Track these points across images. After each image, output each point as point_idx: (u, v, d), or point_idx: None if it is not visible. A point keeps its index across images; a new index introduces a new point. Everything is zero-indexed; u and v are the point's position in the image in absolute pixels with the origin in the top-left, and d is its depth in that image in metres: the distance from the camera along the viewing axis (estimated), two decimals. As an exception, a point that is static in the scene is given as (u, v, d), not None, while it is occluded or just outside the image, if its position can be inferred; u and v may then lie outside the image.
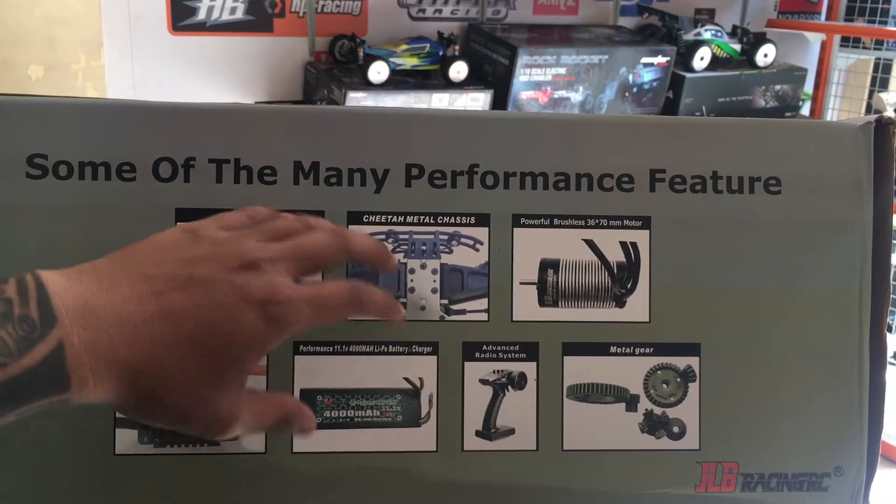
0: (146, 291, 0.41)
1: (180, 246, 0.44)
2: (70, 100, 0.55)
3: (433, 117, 0.58)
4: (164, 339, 0.40)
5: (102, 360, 0.39)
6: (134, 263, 0.42)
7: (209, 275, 0.43)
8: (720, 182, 0.58)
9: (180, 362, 0.41)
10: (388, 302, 0.50)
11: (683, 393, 0.58)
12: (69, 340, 0.38)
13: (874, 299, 0.59)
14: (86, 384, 0.39)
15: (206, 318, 0.42)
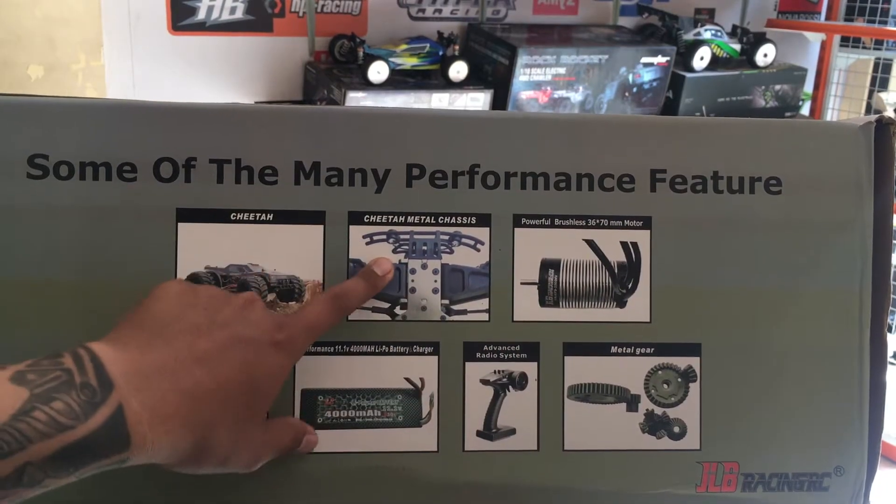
0: (179, 346, 0.45)
1: (186, 298, 0.48)
2: (71, 100, 0.55)
3: (434, 117, 0.58)
4: (205, 387, 0.44)
5: (159, 415, 0.42)
6: (158, 324, 0.46)
7: (227, 318, 0.47)
8: (721, 182, 0.58)
9: (223, 405, 0.45)
10: (366, 285, 0.54)
11: (684, 393, 0.58)
12: (127, 402, 0.41)
13: (875, 299, 0.59)
14: (144, 442, 0.41)
15: (233, 359, 0.46)
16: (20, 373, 0.40)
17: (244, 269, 0.55)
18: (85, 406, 0.40)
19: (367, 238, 0.56)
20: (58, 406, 0.39)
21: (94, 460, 0.40)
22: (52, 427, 0.39)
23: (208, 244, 0.55)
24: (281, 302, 0.55)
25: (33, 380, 0.40)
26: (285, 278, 0.55)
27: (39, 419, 0.38)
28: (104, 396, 0.40)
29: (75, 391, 0.40)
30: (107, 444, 0.40)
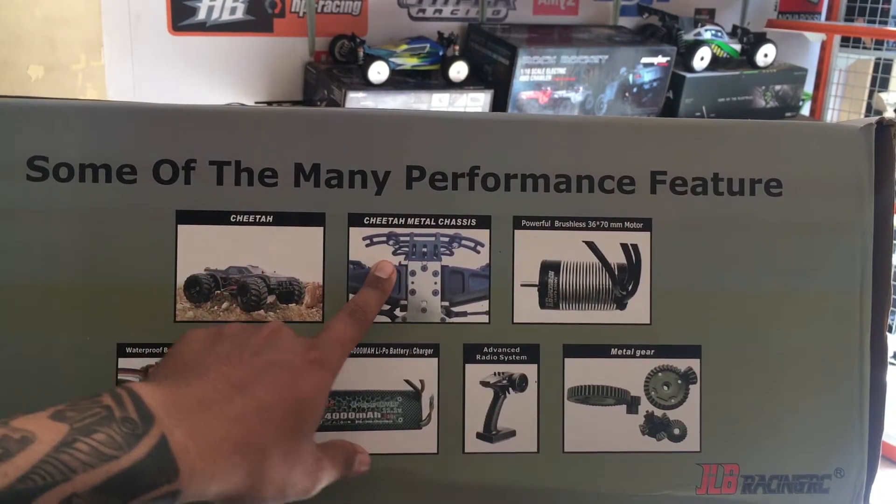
0: (215, 378, 0.45)
1: (212, 336, 0.48)
2: (71, 102, 0.55)
3: (434, 119, 0.58)
4: (249, 412, 0.44)
5: (206, 443, 0.42)
6: (189, 363, 0.46)
7: (257, 346, 0.47)
8: (721, 184, 0.58)
9: (270, 428, 0.45)
10: (375, 292, 0.55)
11: (684, 395, 0.58)
12: (170, 433, 0.41)
13: (875, 301, 0.59)
14: (194, 471, 0.41)
15: (271, 382, 0.46)
16: (59, 411, 0.40)
17: (244, 271, 0.55)
18: (127, 437, 0.40)
19: (367, 240, 0.56)
20: (99, 437, 0.39)
21: (143, 492, 0.40)
22: (94, 457, 0.38)
23: (208, 246, 0.55)
24: (281, 304, 0.55)
25: (73, 416, 0.40)
26: (285, 280, 0.55)
27: (82, 450, 0.38)
28: (146, 428, 0.41)
29: (116, 424, 0.40)
30: (154, 473, 0.40)
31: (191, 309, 0.54)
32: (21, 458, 0.37)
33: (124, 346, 0.54)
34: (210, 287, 0.55)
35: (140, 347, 0.54)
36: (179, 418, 0.42)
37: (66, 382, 0.53)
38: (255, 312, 0.55)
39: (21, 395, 0.53)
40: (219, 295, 0.55)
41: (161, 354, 0.54)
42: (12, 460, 0.37)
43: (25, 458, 0.37)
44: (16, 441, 0.38)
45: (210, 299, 0.55)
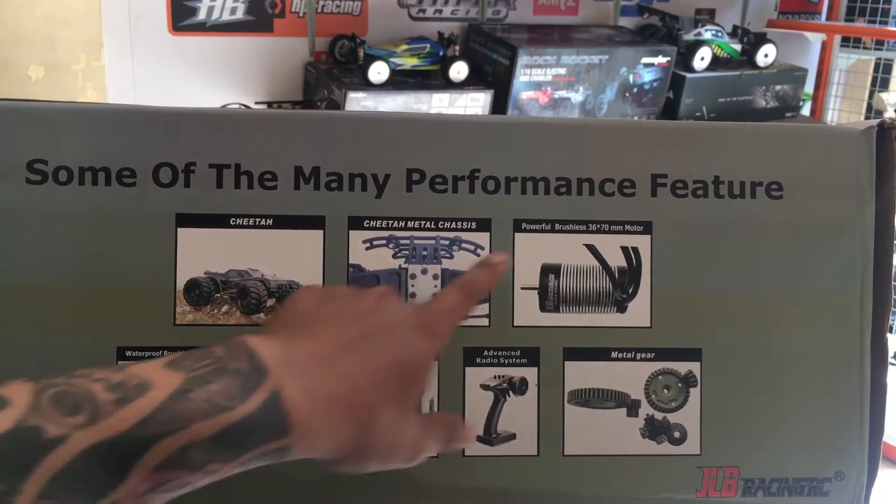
0: (325, 337, 0.44)
1: (321, 296, 0.47)
2: (70, 105, 0.55)
3: (434, 122, 0.58)
4: (358, 372, 0.43)
5: (317, 400, 0.41)
6: (299, 321, 0.46)
7: (366, 309, 0.46)
8: (722, 187, 0.58)
9: (378, 389, 0.44)
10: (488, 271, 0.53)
11: (684, 398, 0.58)
12: (283, 387, 0.40)
13: (875, 302, 0.59)
14: (305, 428, 0.41)
15: (380, 345, 0.45)
16: (174, 360, 0.40)
17: (244, 275, 0.55)
18: (240, 389, 0.39)
19: (367, 243, 0.56)
20: (214, 388, 0.39)
21: (256, 445, 0.39)
22: (209, 407, 0.38)
23: (208, 249, 0.55)
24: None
25: (187, 365, 0.40)
26: (285, 283, 0.55)
27: (197, 399, 0.38)
28: (258, 381, 0.40)
29: (230, 376, 0.40)
30: (266, 427, 0.39)
31: (191, 312, 0.54)
32: (139, 404, 0.37)
33: (124, 350, 0.54)
34: (210, 290, 0.55)
35: (140, 351, 0.54)
36: (291, 374, 0.41)
37: (66, 386, 0.53)
38: (256, 316, 0.55)
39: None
40: (219, 298, 0.55)
41: (161, 357, 0.54)
42: (131, 405, 0.37)
43: (143, 404, 0.37)
44: (133, 387, 0.37)
45: (210, 302, 0.55)
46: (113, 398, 0.37)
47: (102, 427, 0.36)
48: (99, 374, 0.38)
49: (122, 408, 0.36)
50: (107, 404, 0.36)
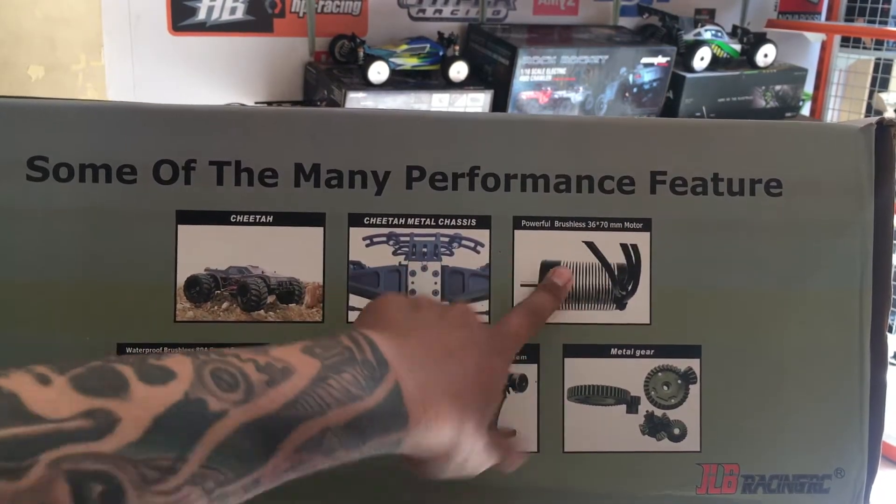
0: (429, 340, 0.46)
1: (410, 303, 0.49)
2: (71, 102, 0.55)
3: (434, 119, 0.58)
4: (457, 377, 0.45)
5: (430, 397, 0.43)
6: (399, 322, 0.47)
7: (457, 320, 0.48)
8: (721, 184, 0.58)
9: (470, 398, 0.45)
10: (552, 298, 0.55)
11: (684, 395, 0.58)
12: (403, 381, 0.42)
13: (875, 300, 0.59)
14: (419, 422, 0.43)
15: (471, 356, 0.47)
16: (308, 346, 0.42)
17: (244, 272, 0.55)
18: (368, 380, 0.41)
19: (368, 240, 0.56)
20: (347, 377, 0.41)
21: (379, 434, 0.41)
22: (344, 395, 0.40)
23: (208, 246, 0.55)
24: (281, 304, 0.55)
25: (321, 353, 0.41)
26: (285, 280, 0.55)
27: (334, 386, 0.40)
28: (382, 373, 0.42)
29: (358, 366, 0.41)
30: (390, 419, 0.41)
31: (191, 309, 0.55)
32: (285, 387, 0.39)
33: (124, 346, 0.54)
34: (210, 287, 0.55)
35: (140, 348, 0.54)
36: (408, 368, 0.43)
37: (67, 382, 0.53)
38: (256, 312, 0.55)
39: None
40: (219, 295, 0.55)
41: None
42: (279, 388, 0.38)
43: (289, 387, 0.39)
44: (279, 370, 0.39)
45: (210, 299, 0.55)
46: (264, 378, 0.38)
47: (257, 405, 0.37)
48: (246, 354, 0.39)
49: (272, 388, 0.38)
50: (259, 384, 0.38)
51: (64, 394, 0.34)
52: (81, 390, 0.34)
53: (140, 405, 0.35)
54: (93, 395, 0.34)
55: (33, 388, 0.34)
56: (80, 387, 0.34)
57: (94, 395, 0.34)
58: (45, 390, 0.34)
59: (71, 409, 0.33)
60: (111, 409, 0.34)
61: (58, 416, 0.33)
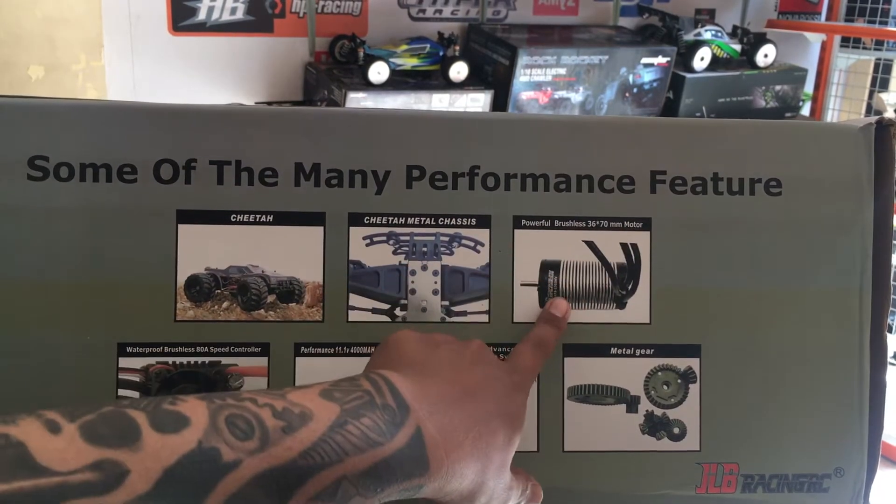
0: (449, 380, 0.45)
1: (425, 340, 0.48)
2: (71, 101, 0.55)
3: (434, 119, 0.58)
4: (480, 418, 0.45)
5: (451, 441, 0.42)
6: (416, 362, 0.46)
7: (474, 357, 0.48)
8: (721, 183, 0.58)
9: (492, 438, 0.45)
10: (553, 329, 0.55)
11: (684, 394, 0.58)
12: (424, 425, 0.42)
13: (875, 300, 0.59)
14: (441, 467, 0.42)
15: (492, 394, 0.46)
16: (326, 390, 0.41)
17: (244, 271, 0.55)
18: (388, 425, 0.41)
19: (368, 239, 0.56)
20: (366, 422, 0.40)
21: (398, 481, 0.40)
22: (363, 442, 0.39)
23: (208, 246, 0.55)
24: (281, 303, 0.55)
25: (340, 397, 0.41)
26: (285, 280, 0.55)
27: (353, 433, 0.39)
28: (403, 418, 0.41)
29: (378, 410, 0.41)
30: (410, 464, 0.41)
31: (191, 308, 0.55)
32: (302, 434, 0.38)
33: (125, 346, 0.54)
34: (210, 286, 0.55)
35: (140, 347, 0.54)
36: (429, 411, 0.42)
37: (67, 381, 0.53)
38: (256, 312, 0.55)
39: (21, 395, 0.53)
40: (219, 294, 0.55)
41: (161, 354, 0.54)
42: (295, 435, 0.38)
43: (306, 434, 0.38)
44: (296, 416, 0.38)
45: (210, 299, 0.55)
46: (280, 425, 0.38)
47: (271, 454, 0.37)
48: (264, 398, 0.39)
49: (288, 436, 0.38)
50: (274, 431, 0.37)
51: (73, 443, 0.33)
52: (91, 440, 0.33)
53: (151, 456, 0.34)
54: (102, 444, 0.33)
55: (42, 436, 0.33)
56: (90, 436, 0.34)
57: (103, 444, 0.33)
58: (54, 439, 0.33)
59: (79, 461, 0.33)
60: (120, 460, 0.33)
61: (65, 468, 0.32)
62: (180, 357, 0.54)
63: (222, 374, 0.55)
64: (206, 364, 0.55)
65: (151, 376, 0.54)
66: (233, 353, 0.55)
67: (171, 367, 0.54)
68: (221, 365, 0.55)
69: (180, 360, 0.54)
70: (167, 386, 0.54)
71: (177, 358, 0.54)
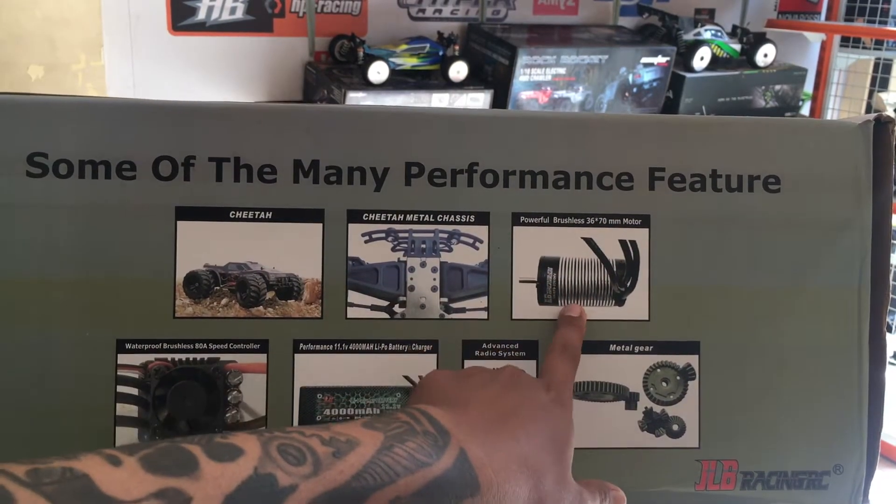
0: (485, 407, 0.46)
1: (457, 374, 0.50)
2: (70, 98, 0.55)
3: (433, 116, 0.58)
4: (522, 436, 0.45)
5: (498, 461, 0.43)
6: (451, 394, 0.47)
7: (508, 382, 0.49)
8: (719, 180, 0.58)
9: (541, 453, 0.45)
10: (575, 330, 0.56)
11: (683, 391, 0.58)
12: (468, 447, 0.43)
13: (873, 298, 0.59)
14: (491, 486, 0.42)
15: (531, 414, 0.47)
16: (367, 422, 0.42)
17: (243, 268, 0.55)
18: (433, 448, 0.41)
19: (366, 236, 0.56)
20: (411, 446, 0.41)
21: (452, 501, 0.41)
22: (412, 463, 0.40)
23: (207, 242, 0.55)
24: (280, 300, 0.55)
25: (382, 426, 0.42)
26: (284, 276, 0.55)
27: (401, 455, 0.40)
28: (445, 441, 0.42)
29: (420, 436, 0.42)
30: (460, 485, 0.41)
31: (190, 305, 0.55)
32: (352, 458, 0.39)
33: (124, 342, 0.54)
34: (209, 283, 0.55)
35: (139, 343, 0.54)
36: (470, 435, 0.43)
37: (66, 378, 0.53)
38: (255, 308, 0.55)
39: (20, 391, 0.53)
40: (218, 291, 0.55)
41: (160, 350, 0.54)
42: (345, 458, 0.39)
43: (356, 458, 0.39)
44: (344, 443, 0.39)
45: (209, 295, 0.55)
46: (329, 451, 0.39)
47: (325, 478, 0.38)
48: (310, 430, 0.40)
49: (339, 460, 0.39)
50: (325, 457, 0.38)
51: (135, 474, 0.34)
52: (152, 470, 0.34)
53: (211, 483, 0.35)
54: (164, 474, 0.34)
55: (104, 469, 0.34)
56: (151, 466, 0.34)
57: (164, 474, 0.34)
58: (117, 471, 0.34)
59: (142, 490, 0.33)
60: (182, 488, 0.34)
61: (129, 497, 0.33)
62: (179, 354, 0.54)
63: (221, 371, 0.55)
64: (205, 361, 0.55)
65: (150, 373, 0.54)
66: (232, 350, 0.55)
67: (170, 363, 0.54)
68: (220, 361, 0.55)
69: (179, 357, 0.54)
70: (166, 383, 0.54)
71: (176, 354, 0.54)
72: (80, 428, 0.53)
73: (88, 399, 0.53)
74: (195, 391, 0.54)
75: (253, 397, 0.55)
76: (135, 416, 0.54)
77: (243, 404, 0.55)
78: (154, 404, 0.54)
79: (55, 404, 0.53)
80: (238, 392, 0.55)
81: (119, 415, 0.54)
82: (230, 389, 0.55)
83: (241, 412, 0.55)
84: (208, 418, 0.54)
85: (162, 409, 0.54)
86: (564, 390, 0.51)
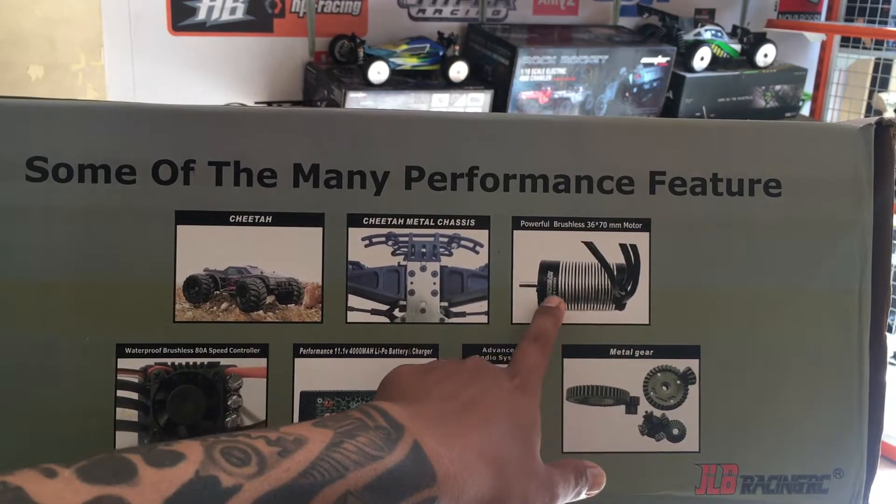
0: (444, 398, 0.46)
1: (420, 368, 0.50)
2: (70, 102, 0.55)
3: (433, 119, 0.58)
4: (481, 425, 0.46)
5: (456, 451, 0.43)
6: (412, 388, 0.47)
7: (471, 373, 0.49)
8: (720, 184, 0.58)
9: (503, 440, 0.46)
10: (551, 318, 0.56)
11: (683, 395, 0.58)
12: (422, 439, 0.43)
13: (874, 301, 0.59)
14: (449, 477, 0.42)
15: (493, 403, 0.47)
16: (319, 421, 0.42)
17: (243, 272, 0.55)
18: (384, 441, 0.41)
19: (367, 240, 0.56)
20: (362, 440, 0.41)
21: (408, 495, 0.41)
22: (362, 457, 0.40)
23: (207, 246, 0.55)
24: (280, 304, 0.55)
25: (332, 424, 0.42)
26: (284, 280, 0.55)
27: (350, 450, 0.40)
28: (398, 434, 0.42)
29: (372, 431, 0.42)
30: (416, 476, 0.41)
31: (190, 309, 0.55)
32: (299, 455, 0.39)
33: (123, 347, 0.54)
34: (209, 287, 0.55)
35: (139, 348, 0.54)
36: (425, 427, 0.44)
37: (66, 382, 0.53)
38: (255, 313, 0.55)
39: (20, 395, 0.53)
40: (218, 295, 0.55)
41: (160, 355, 0.54)
42: (292, 457, 0.39)
43: (303, 455, 0.39)
44: (291, 441, 0.39)
45: (209, 300, 0.55)
46: (275, 451, 0.39)
47: (270, 477, 0.37)
48: (256, 433, 0.40)
49: (285, 458, 0.38)
50: (271, 456, 0.38)
51: (70, 484, 0.33)
52: (88, 479, 0.34)
53: (150, 488, 0.34)
54: (100, 482, 0.34)
55: (39, 481, 0.33)
56: (87, 476, 0.34)
57: (101, 482, 0.34)
58: (51, 483, 0.33)
59: (77, 499, 0.33)
60: (120, 494, 0.33)
61: None
62: (179, 358, 0.54)
63: (221, 375, 0.55)
64: (205, 365, 0.54)
65: (150, 377, 0.54)
66: (232, 354, 0.55)
67: (169, 368, 0.54)
68: (220, 366, 0.55)
69: (179, 362, 0.54)
70: (166, 387, 0.54)
71: (176, 359, 0.54)
72: (80, 432, 0.53)
73: (88, 403, 0.53)
74: (195, 395, 0.54)
75: (253, 402, 0.55)
76: (135, 420, 0.54)
77: (243, 409, 0.55)
78: (154, 409, 0.54)
79: (55, 408, 0.53)
80: (238, 396, 0.55)
81: (119, 419, 0.53)
82: (230, 394, 0.55)
83: (241, 416, 0.55)
84: (208, 423, 0.54)
85: (162, 414, 0.54)
86: (532, 378, 0.51)
